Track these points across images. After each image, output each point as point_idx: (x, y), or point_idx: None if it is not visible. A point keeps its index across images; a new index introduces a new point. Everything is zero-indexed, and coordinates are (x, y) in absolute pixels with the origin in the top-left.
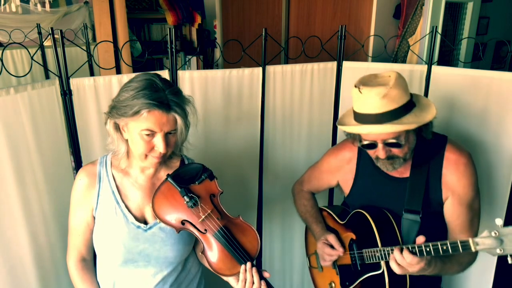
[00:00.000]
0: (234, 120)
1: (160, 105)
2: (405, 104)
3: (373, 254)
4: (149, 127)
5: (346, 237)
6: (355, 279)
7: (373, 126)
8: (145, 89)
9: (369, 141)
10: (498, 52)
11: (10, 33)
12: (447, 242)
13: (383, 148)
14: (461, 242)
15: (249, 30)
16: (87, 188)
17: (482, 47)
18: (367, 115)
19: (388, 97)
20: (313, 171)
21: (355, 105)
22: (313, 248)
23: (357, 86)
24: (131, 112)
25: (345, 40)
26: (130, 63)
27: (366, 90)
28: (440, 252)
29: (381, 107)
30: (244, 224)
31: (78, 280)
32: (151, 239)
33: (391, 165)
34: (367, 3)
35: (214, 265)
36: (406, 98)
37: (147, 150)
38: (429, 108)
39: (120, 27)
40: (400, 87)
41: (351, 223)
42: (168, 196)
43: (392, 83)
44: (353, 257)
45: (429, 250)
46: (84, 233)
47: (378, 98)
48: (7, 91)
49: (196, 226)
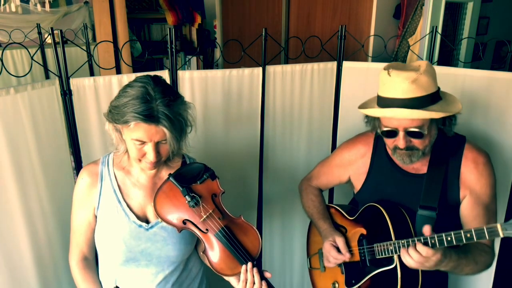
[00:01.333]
0: (234, 120)
1: (147, 118)
2: (433, 93)
3: (386, 248)
4: (138, 137)
5: (355, 233)
6: (362, 276)
7: (398, 110)
8: (136, 98)
9: (391, 128)
10: (498, 52)
11: (10, 33)
12: (472, 229)
13: (404, 137)
14: (487, 227)
15: (249, 30)
16: (89, 187)
17: (482, 47)
18: (393, 100)
19: (418, 83)
20: (323, 166)
21: (381, 89)
22: (316, 247)
23: (386, 69)
24: (122, 120)
25: (345, 40)
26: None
27: (396, 73)
28: (463, 239)
29: (409, 92)
30: (245, 224)
31: (80, 279)
32: (153, 238)
33: (408, 157)
34: (367, 3)
35: (215, 265)
36: (434, 88)
37: (139, 156)
38: (455, 102)
39: (120, 27)
40: (430, 76)
41: (362, 218)
42: (170, 195)
43: (422, 69)
44: (362, 253)
45: (451, 239)
46: (86, 233)
47: (408, 82)
48: (7, 91)
49: (197, 225)
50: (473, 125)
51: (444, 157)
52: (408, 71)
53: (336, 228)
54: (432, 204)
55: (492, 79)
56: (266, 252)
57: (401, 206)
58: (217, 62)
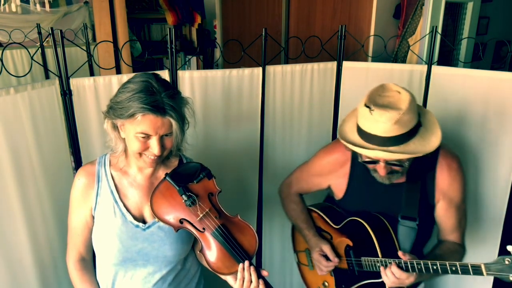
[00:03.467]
0: (234, 120)
1: (155, 109)
2: (413, 128)
3: (373, 263)
4: (144, 130)
5: (341, 242)
6: (352, 283)
7: (380, 152)
8: (141, 91)
9: (372, 159)
10: (498, 52)
11: (10, 33)
12: (457, 264)
13: (385, 167)
14: (472, 266)
15: (249, 30)
16: (86, 187)
17: (482, 47)
18: (374, 136)
19: (400, 123)
20: (302, 173)
21: (362, 123)
22: (302, 245)
23: (367, 105)
24: (127, 114)
25: (345, 40)
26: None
27: (378, 113)
28: (449, 271)
29: (391, 132)
30: (242, 223)
31: (77, 280)
32: (150, 238)
33: (388, 179)
34: (367, 3)
35: (212, 263)
36: (415, 121)
37: (142, 150)
38: (434, 130)
39: (120, 27)
40: (412, 112)
41: (347, 229)
42: (167, 195)
43: (405, 108)
44: (350, 264)
45: (436, 268)
46: (83, 233)
47: (390, 123)
48: (7, 91)
49: (194, 224)
50: (473, 125)
51: (421, 166)
52: (390, 109)
53: (320, 233)
54: (412, 215)
55: (492, 79)
56: (266, 252)
57: (383, 215)
58: (217, 62)
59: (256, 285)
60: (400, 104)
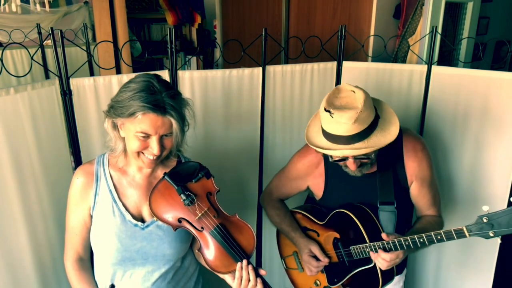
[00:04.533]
0: (234, 120)
1: (155, 108)
2: (372, 122)
3: (363, 249)
4: (144, 129)
5: (328, 237)
6: (344, 274)
7: (346, 150)
8: (142, 91)
9: (340, 157)
10: (498, 52)
11: (10, 33)
12: (441, 232)
13: (354, 162)
14: (455, 230)
15: (249, 30)
16: (84, 187)
17: (482, 47)
18: (338, 136)
19: (359, 121)
20: (281, 180)
21: (326, 126)
22: (288, 250)
23: (327, 109)
24: (127, 113)
25: (345, 40)
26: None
27: (338, 115)
28: (435, 241)
29: (352, 130)
30: (240, 222)
31: (75, 280)
32: (149, 237)
33: (360, 172)
34: (367, 3)
35: (211, 262)
36: (373, 115)
37: (141, 149)
38: (392, 120)
39: (120, 27)
40: (368, 108)
41: (332, 223)
42: (165, 194)
43: (361, 106)
44: (339, 255)
45: (423, 241)
46: (81, 233)
47: (350, 123)
48: (7, 91)
49: (192, 224)
50: (473, 125)
51: (388, 154)
52: (348, 110)
53: (306, 232)
54: (389, 199)
55: (492, 79)
56: (266, 252)
57: (364, 205)
58: (217, 62)
59: (254, 284)
60: (356, 103)
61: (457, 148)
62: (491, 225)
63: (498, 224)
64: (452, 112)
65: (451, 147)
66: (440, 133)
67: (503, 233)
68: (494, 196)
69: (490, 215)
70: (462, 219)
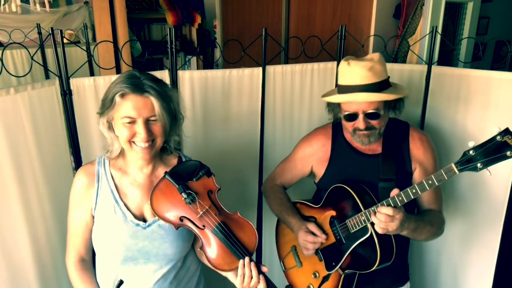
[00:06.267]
0: (234, 120)
1: (133, 87)
2: (385, 79)
3: (358, 219)
4: (127, 113)
5: (325, 218)
6: (342, 255)
7: (359, 94)
8: (123, 78)
9: (351, 112)
10: (498, 52)
11: (10, 33)
12: (431, 176)
13: (364, 119)
14: (444, 169)
15: (249, 30)
16: (86, 187)
17: (482, 47)
18: (353, 86)
19: (374, 70)
20: (285, 164)
21: (341, 79)
22: (287, 248)
23: (345, 60)
24: (108, 101)
25: (345, 40)
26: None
27: (354, 62)
28: (427, 187)
29: (366, 78)
30: (241, 220)
31: (77, 280)
32: (150, 237)
33: (367, 137)
34: (367, 3)
35: (213, 260)
36: (386, 75)
37: (130, 137)
38: (402, 88)
39: (120, 27)
40: (383, 65)
41: (328, 201)
42: (166, 193)
43: (376, 59)
44: (336, 233)
45: (415, 191)
46: (83, 233)
47: (366, 70)
48: (7, 91)
49: (194, 222)
50: (473, 125)
51: (395, 137)
52: (364, 61)
53: (305, 219)
54: (390, 176)
55: (492, 79)
56: (266, 252)
57: (363, 183)
58: (217, 62)
59: (257, 281)
60: (373, 58)
61: (457, 148)
62: (477, 157)
63: (485, 155)
64: (452, 112)
65: (451, 147)
66: (440, 133)
67: (491, 163)
68: (494, 195)
69: (476, 147)
70: (462, 218)
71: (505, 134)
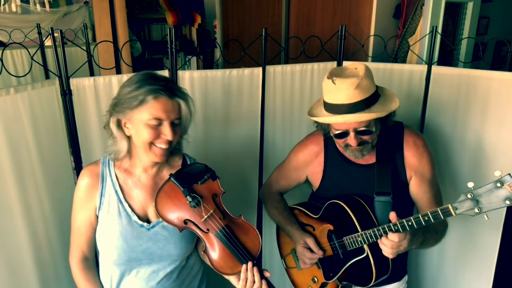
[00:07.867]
0: (234, 120)
1: (166, 89)
2: (373, 94)
3: (355, 239)
4: (156, 115)
5: (323, 230)
6: (339, 268)
7: (348, 116)
8: (148, 79)
9: (342, 130)
10: (498, 52)
11: (10, 33)
12: (428, 212)
13: (355, 137)
14: (441, 209)
15: (249, 30)
16: (90, 188)
17: (482, 47)
18: (340, 106)
19: (360, 87)
20: (281, 171)
21: (328, 96)
22: (288, 248)
23: (329, 77)
24: (137, 102)
25: (345, 40)
26: (130, 63)
27: (340, 81)
28: (423, 223)
29: (354, 97)
30: (245, 224)
31: (81, 280)
32: (154, 238)
33: (360, 152)
34: (367, 3)
35: (216, 264)
36: (374, 88)
37: (153, 138)
38: (392, 98)
39: (120, 27)
40: (369, 78)
41: (326, 215)
42: (171, 195)
43: (362, 74)
44: (334, 247)
45: (411, 224)
46: (87, 233)
47: (352, 88)
48: (7, 91)
49: (198, 225)
50: (473, 125)
51: (388, 145)
52: (350, 77)
53: (303, 227)
54: (386, 190)
55: (492, 79)
56: (266, 252)
57: (359, 196)
58: (217, 62)
59: (259, 286)
60: (358, 72)
61: (457, 148)
62: (476, 201)
63: (483, 201)
64: (452, 112)
65: (451, 147)
66: (441, 133)
67: (488, 210)
68: None
69: (475, 191)
70: (462, 219)
71: (506, 181)
